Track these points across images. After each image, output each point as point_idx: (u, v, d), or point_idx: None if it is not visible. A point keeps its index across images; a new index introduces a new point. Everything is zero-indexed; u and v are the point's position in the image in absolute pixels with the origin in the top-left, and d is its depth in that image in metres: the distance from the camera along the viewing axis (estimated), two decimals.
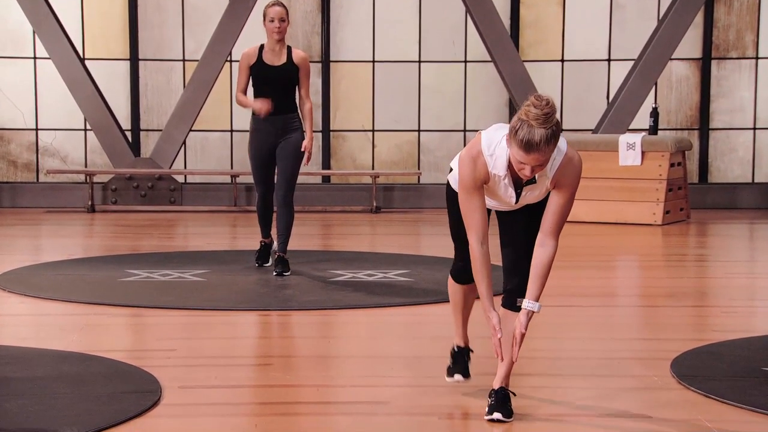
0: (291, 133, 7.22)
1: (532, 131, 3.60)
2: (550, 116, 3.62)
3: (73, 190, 11.98)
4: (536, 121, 3.60)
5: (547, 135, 3.60)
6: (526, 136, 3.60)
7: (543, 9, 12.48)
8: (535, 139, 3.59)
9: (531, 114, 3.62)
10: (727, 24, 12.47)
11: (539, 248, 3.84)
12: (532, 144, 3.60)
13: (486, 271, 3.84)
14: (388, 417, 4.04)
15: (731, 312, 6.22)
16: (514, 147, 3.66)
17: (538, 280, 3.85)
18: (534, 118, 3.61)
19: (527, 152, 3.63)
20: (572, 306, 6.31)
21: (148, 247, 8.92)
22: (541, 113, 3.61)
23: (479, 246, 3.82)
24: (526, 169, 3.68)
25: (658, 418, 4.02)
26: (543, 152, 3.63)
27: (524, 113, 3.64)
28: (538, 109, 3.62)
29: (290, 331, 5.89)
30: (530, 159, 3.64)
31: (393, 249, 8.68)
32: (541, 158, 3.65)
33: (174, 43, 12.41)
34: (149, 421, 3.94)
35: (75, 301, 6.26)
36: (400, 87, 12.53)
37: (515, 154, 3.68)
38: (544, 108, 3.62)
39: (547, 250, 3.83)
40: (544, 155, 3.64)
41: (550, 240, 3.83)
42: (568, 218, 3.94)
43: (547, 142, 3.61)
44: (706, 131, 12.57)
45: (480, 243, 3.82)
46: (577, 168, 3.83)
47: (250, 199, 11.80)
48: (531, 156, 3.63)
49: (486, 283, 3.85)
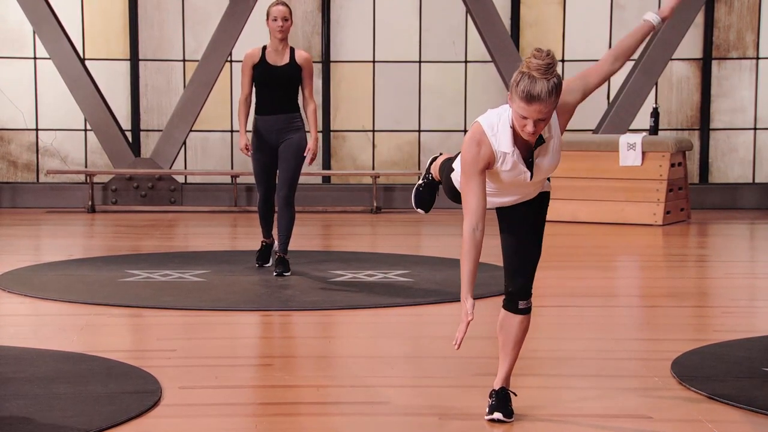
0: (293, 133, 7.22)
1: (534, 82, 3.55)
2: (551, 67, 3.58)
3: (74, 191, 11.98)
4: (537, 72, 3.56)
5: (549, 86, 3.55)
6: (527, 87, 3.56)
7: (543, 9, 12.49)
8: (537, 89, 3.54)
9: (532, 65, 3.57)
10: (727, 24, 12.46)
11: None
12: (533, 95, 3.55)
13: (473, 255, 3.73)
14: (389, 417, 4.04)
15: (732, 312, 6.22)
16: (516, 100, 3.60)
17: None
18: (535, 68, 3.57)
19: (529, 103, 3.57)
20: (573, 306, 6.30)
21: (148, 247, 8.91)
22: (542, 63, 3.57)
23: (472, 231, 3.72)
24: (529, 124, 3.61)
25: (658, 419, 4.02)
26: (545, 103, 3.57)
27: (525, 65, 3.60)
28: (539, 59, 3.57)
29: (290, 331, 5.89)
30: (532, 111, 3.58)
31: (393, 249, 8.68)
32: (544, 110, 3.58)
33: (174, 43, 12.41)
34: (149, 421, 3.94)
35: (75, 302, 6.26)
36: (400, 87, 12.53)
37: (517, 108, 3.62)
38: (545, 59, 3.58)
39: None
40: (546, 107, 3.57)
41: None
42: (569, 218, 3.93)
43: (549, 93, 3.56)
44: (707, 131, 12.57)
45: (473, 229, 3.73)
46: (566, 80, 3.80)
47: (250, 199, 11.80)
48: (533, 107, 3.57)
49: (469, 267, 3.72)
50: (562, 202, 10.18)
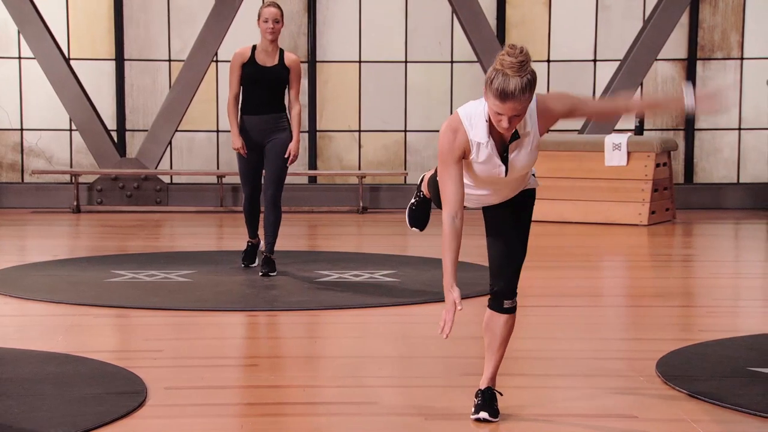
0: (279, 133, 7.22)
1: (507, 80, 3.56)
2: (524, 64, 3.58)
3: (59, 191, 11.94)
4: (511, 69, 3.56)
5: (522, 83, 3.56)
6: (501, 85, 3.56)
7: (529, 9, 12.51)
8: (510, 87, 3.55)
9: (506, 62, 3.58)
10: (712, 25, 12.51)
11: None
12: (507, 92, 3.56)
13: (455, 245, 3.73)
14: (375, 417, 4.04)
15: (716, 312, 6.24)
16: (491, 97, 3.61)
17: None
18: (509, 66, 3.57)
19: (503, 101, 3.58)
20: (558, 306, 6.31)
21: (134, 247, 8.89)
22: (515, 61, 3.57)
23: (451, 220, 3.73)
24: (504, 120, 3.62)
25: (643, 418, 4.04)
26: (519, 101, 3.58)
27: (499, 63, 3.60)
28: (512, 57, 3.58)
29: (277, 331, 5.89)
30: (506, 108, 3.59)
31: (380, 249, 8.68)
32: (518, 107, 3.59)
33: (160, 43, 12.38)
34: (135, 422, 3.94)
35: (60, 302, 6.24)
36: (386, 87, 12.53)
37: (492, 105, 3.63)
38: (518, 56, 3.58)
39: None
40: (520, 104, 3.59)
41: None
42: (555, 218, 3.94)
43: (523, 90, 3.57)
44: (692, 132, 12.61)
45: (452, 217, 3.73)
46: (553, 93, 3.82)
47: (236, 199, 11.79)
48: (507, 105, 3.58)
49: (451, 257, 3.73)
50: (547, 202, 10.20)
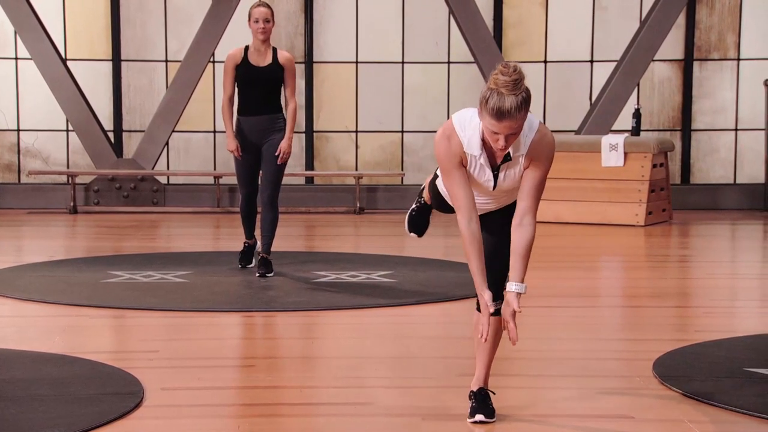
0: (276, 133, 7.22)
1: (503, 99, 3.56)
2: (519, 82, 3.58)
3: (55, 191, 11.93)
4: (506, 89, 3.57)
5: (517, 102, 3.57)
6: (497, 104, 3.56)
7: (526, 10, 12.51)
8: (506, 106, 3.56)
9: (500, 81, 3.58)
10: (709, 25, 12.52)
11: (518, 229, 3.77)
12: (503, 111, 3.56)
13: (476, 249, 3.76)
14: (372, 418, 4.04)
15: (713, 312, 6.25)
16: (486, 117, 3.61)
17: (521, 261, 3.78)
18: (503, 85, 3.57)
19: (499, 120, 3.58)
20: (555, 306, 6.32)
21: (130, 248, 8.89)
22: (510, 80, 3.57)
23: (467, 223, 3.76)
24: (500, 139, 3.63)
25: (640, 419, 4.04)
26: (515, 119, 3.58)
27: (493, 82, 3.60)
28: (506, 76, 3.58)
29: (273, 332, 5.88)
30: (503, 127, 3.60)
31: (376, 250, 8.68)
32: (514, 125, 3.60)
33: (157, 43, 12.38)
34: (131, 423, 3.93)
35: (57, 303, 6.24)
36: (383, 88, 12.53)
37: (488, 124, 3.63)
38: (512, 75, 3.58)
39: (527, 230, 3.77)
40: (516, 122, 3.60)
41: (528, 218, 3.78)
42: (551, 219, 3.94)
43: (518, 108, 3.57)
44: (689, 132, 12.62)
45: (468, 220, 3.76)
46: (550, 143, 3.81)
47: (233, 200, 11.78)
48: (503, 124, 3.59)
49: (476, 262, 3.76)
50: (543, 202, 10.19)
